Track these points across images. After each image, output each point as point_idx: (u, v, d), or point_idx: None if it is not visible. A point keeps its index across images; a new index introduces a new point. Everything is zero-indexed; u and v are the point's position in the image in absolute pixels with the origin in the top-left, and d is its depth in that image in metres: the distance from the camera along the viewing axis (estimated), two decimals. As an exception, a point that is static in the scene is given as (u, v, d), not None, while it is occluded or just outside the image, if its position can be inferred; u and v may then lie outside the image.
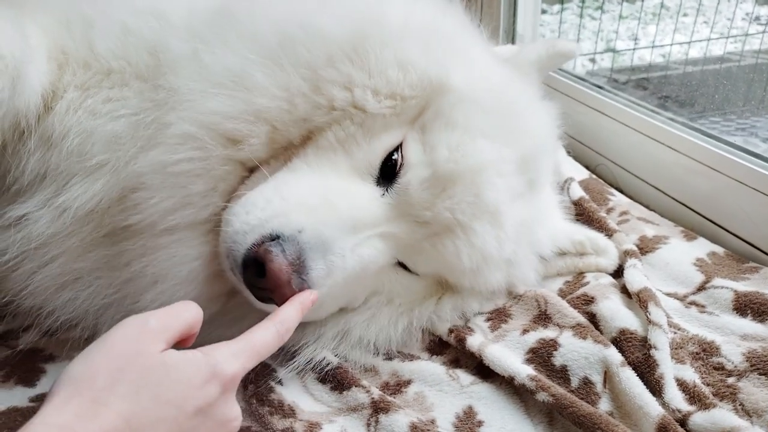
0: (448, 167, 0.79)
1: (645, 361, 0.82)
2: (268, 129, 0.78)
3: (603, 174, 1.47)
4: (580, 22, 2.49)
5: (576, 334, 0.87)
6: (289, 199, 0.76)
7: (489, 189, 0.80)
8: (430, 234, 0.82)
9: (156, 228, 0.78)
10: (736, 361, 0.83)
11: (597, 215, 1.16)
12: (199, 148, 0.76)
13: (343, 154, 0.80)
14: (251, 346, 0.65)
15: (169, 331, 0.61)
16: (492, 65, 0.92)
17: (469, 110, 0.81)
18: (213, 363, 0.60)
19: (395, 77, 0.79)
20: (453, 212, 0.80)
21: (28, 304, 0.87)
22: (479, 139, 0.81)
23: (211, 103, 0.76)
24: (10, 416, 0.81)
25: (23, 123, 0.81)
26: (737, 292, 0.94)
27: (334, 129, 0.79)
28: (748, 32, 2.31)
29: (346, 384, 0.84)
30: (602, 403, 0.80)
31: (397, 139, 0.81)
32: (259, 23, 0.81)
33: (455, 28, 0.90)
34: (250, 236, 0.73)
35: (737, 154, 1.14)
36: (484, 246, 0.82)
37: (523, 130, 0.88)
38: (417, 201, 0.80)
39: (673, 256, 1.07)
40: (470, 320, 0.95)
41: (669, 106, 1.81)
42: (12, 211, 0.83)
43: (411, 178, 0.80)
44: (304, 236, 0.73)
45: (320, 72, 0.78)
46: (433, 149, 0.80)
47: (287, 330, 0.69)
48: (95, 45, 0.84)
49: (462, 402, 0.83)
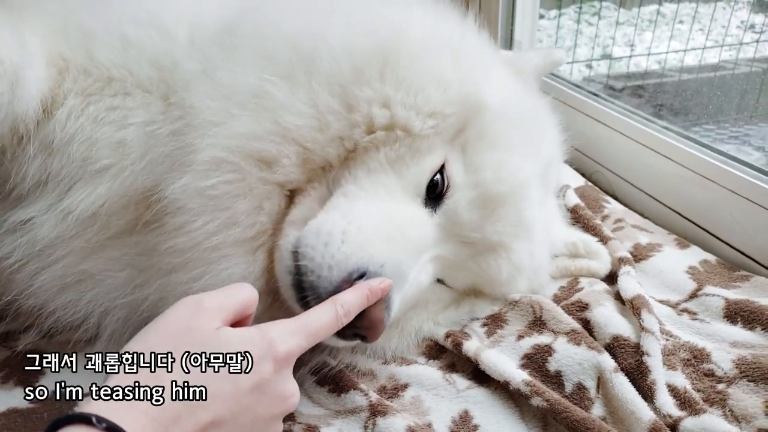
0: (497, 189, 0.80)
1: (637, 367, 0.84)
2: (297, 149, 0.76)
3: (599, 182, 1.49)
4: (577, 28, 2.51)
5: (570, 340, 0.89)
6: (364, 229, 0.74)
7: (528, 207, 0.83)
8: (474, 253, 0.84)
9: (201, 246, 0.77)
10: (726, 368, 0.85)
11: (592, 222, 1.18)
12: (234, 170, 0.75)
13: (395, 176, 0.80)
14: (307, 324, 0.65)
15: (224, 310, 0.61)
16: (511, 79, 0.94)
17: (505, 128, 0.83)
18: (269, 339, 0.60)
19: (434, 95, 0.79)
20: (500, 235, 0.82)
21: (30, 304, 0.87)
22: (517, 156, 0.83)
23: (236, 125, 0.75)
24: (10, 417, 0.82)
25: (22, 128, 0.80)
26: (728, 300, 0.96)
27: (383, 150, 0.79)
28: (743, 40, 2.33)
29: (344, 387, 0.85)
30: (595, 408, 0.81)
31: (440, 160, 0.81)
32: (270, 40, 0.80)
33: (477, 43, 0.91)
34: (336, 272, 0.71)
35: (730, 164, 1.16)
36: (520, 261, 0.87)
37: (543, 141, 0.91)
38: (466, 222, 0.81)
39: (666, 263, 1.09)
40: (467, 325, 0.96)
41: (664, 115, 1.83)
42: (15, 216, 0.83)
43: (459, 199, 0.80)
44: (386, 270, 0.73)
45: (351, 89, 0.76)
46: (477, 170, 0.81)
47: (346, 313, 0.67)
48: (94, 54, 0.83)
49: (458, 406, 0.84)
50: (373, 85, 0.77)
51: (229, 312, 0.62)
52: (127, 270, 0.84)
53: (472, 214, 0.81)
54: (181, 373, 0.55)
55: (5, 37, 0.77)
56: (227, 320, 0.61)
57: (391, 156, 0.79)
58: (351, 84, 0.77)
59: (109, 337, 0.87)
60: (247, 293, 0.65)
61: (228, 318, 0.62)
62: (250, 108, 0.76)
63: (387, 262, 0.74)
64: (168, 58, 0.82)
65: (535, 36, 2.03)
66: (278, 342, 0.61)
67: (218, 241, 0.76)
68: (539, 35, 2.19)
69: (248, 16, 0.84)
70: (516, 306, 0.97)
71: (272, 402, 0.61)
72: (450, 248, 0.83)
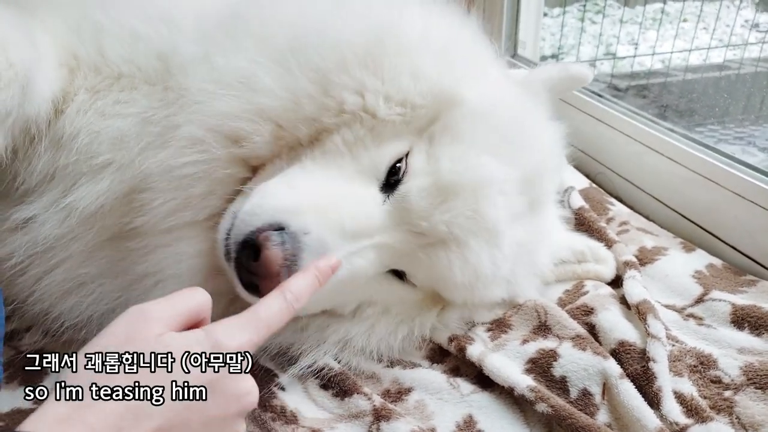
0: (450, 178, 0.79)
1: (643, 373, 0.83)
2: (272, 127, 0.79)
3: (603, 183, 1.48)
4: (581, 27, 2.50)
5: (575, 345, 0.88)
6: (303, 196, 0.76)
7: (489, 206, 0.80)
8: (424, 244, 0.82)
9: (157, 228, 0.79)
10: (733, 375, 0.84)
11: (597, 225, 1.18)
12: (204, 151, 0.77)
13: (350, 159, 0.80)
14: (256, 317, 0.62)
15: (171, 316, 0.59)
16: (503, 83, 0.93)
17: (476, 125, 0.82)
18: (213, 339, 0.58)
19: (406, 84, 0.80)
20: (449, 225, 0.79)
21: (36, 309, 0.87)
22: (484, 154, 0.81)
23: (217, 104, 0.77)
24: (14, 417, 0.82)
25: (33, 129, 0.81)
26: (735, 306, 0.95)
27: (342, 132, 0.80)
28: (748, 40, 2.32)
29: (348, 391, 0.84)
30: (600, 414, 0.81)
31: (405, 148, 0.81)
32: (271, 26, 0.82)
33: (471, 43, 0.90)
34: (257, 219, 0.73)
35: (735, 167, 1.16)
36: (478, 263, 0.82)
37: (528, 149, 0.87)
38: (415, 209, 0.79)
39: (672, 267, 1.08)
40: (471, 329, 0.96)
41: (668, 115, 1.82)
42: (18, 213, 0.83)
43: (411, 186, 0.80)
44: (308, 238, 0.73)
45: (331, 76, 0.78)
46: (436, 160, 0.80)
47: (297, 299, 0.65)
48: (105, 50, 0.85)
49: (462, 411, 0.84)
50: (352, 72, 0.78)
51: (177, 318, 0.59)
52: (120, 276, 0.84)
53: (422, 201, 0.79)
54: (125, 376, 0.53)
55: (17, 38, 0.78)
56: (175, 326, 0.59)
57: (348, 138, 0.80)
58: (331, 72, 0.78)
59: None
60: (198, 298, 0.62)
61: (175, 324, 0.59)
62: (235, 88, 0.77)
63: (312, 232, 0.73)
64: (172, 48, 0.84)
65: (540, 34, 2.02)
66: (226, 339, 0.58)
67: (172, 222, 0.78)
68: (543, 33, 2.18)
69: (254, 3, 0.86)
70: (520, 310, 0.97)
71: (227, 401, 0.58)
72: (398, 236, 0.81)
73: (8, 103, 0.75)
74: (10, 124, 0.78)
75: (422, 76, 0.80)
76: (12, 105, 0.75)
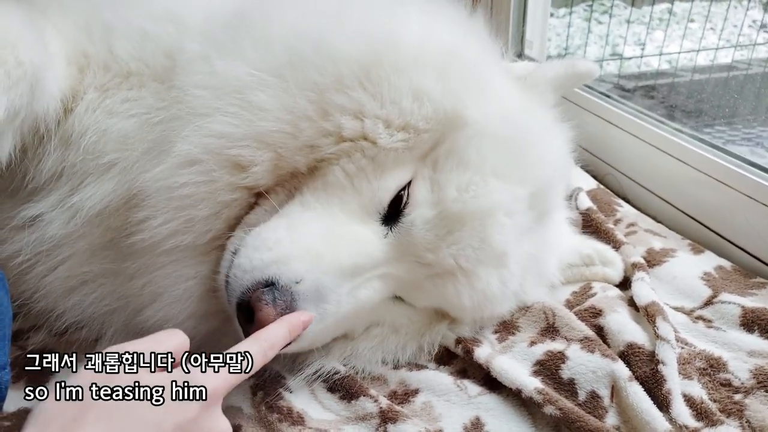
0: (456, 208, 0.76)
1: (652, 376, 0.82)
2: (272, 155, 0.76)
3: (610, 184, 1.48)
4: (587, 27, 2.49)
5: (584, 347, 0.88)
6: (298, 243, 0.74)
7: (496, 232, 0.78)
8: (431, 274, 0.81)
9: (157, 249, 0.78)
10: (743, 378, 0.83)
11: (605, 227, 1.17)
12: (204, 172, 0.75)
13: (352, 192, 0.77)
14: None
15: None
16: (510, 93, 0.88)
17: (483, 147, 0.78)
18: (189, 379, 0.59)
19: (409, 108, 0.76)
20: (456, 259, 0.78)
21: (40, 306, 0.88)
22: (491, 179, 0.78)
23: (216, 124, 0.75)
24: (21, 417, 0.82)
25: (42, 127, 0.82)
26: (744, 308, 0.95)
27: (342, 163, 0.77)
28: (756, 40, 2.30)
29: (355, 393, 0.84)
30: (609, 417, 0.80)
31: (408, 176, 0.78)
32: (272, 29, 0.80)
33: (476, 52, 0.85)
34: (248, 276, 0.73)
35: (744, 167, 1.15)
36: (486, 287, 0.82)
37: (536, 163, 0.84)
38: (420, 242, 0.77)
39: (680, 269, 1.07)
40: (478, 332, 0.95)
41: (676, 116, 1.81)
42: (26, 211, 0.84)
43: (415, 218, 0.77)
44: (301, 287, 0.72)
45: (328, 95, 0.75)
46: (441, 188, 0.77)
47: (271, 347, 0.67)
48: (115, 49, 0.85)
49: (469, 413, 0.83)
50: (350, 93, 0.75)
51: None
52: (121, 276, 0.84)
53: (427, 234, 0.77)
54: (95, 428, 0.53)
55: (27, 38, 0.78)
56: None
57: (350, 169, 0.77)
58: (329, 90, 0.75)
59: (110, 338, 0.88)
60: (175, 340, 0.63)
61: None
62: (232, 104, 0.75)
63: (306, 279, 0.73)
64: (179, 46, 0.84)
65: (546, 35, 2.02)
66: (201, 380, 0.59)
67: (173, 244, 0.77)
68: (549, 34, 2.17)
69: (259, 5, 0.85)
70: (528, 312, 0.96)
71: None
72: (404, 268, 0.80)
73: (17, 101, 0.75)
74: (20, 123, 0.78)
75: (424, 97, 0.76)
76: (21, 103, 0.75)
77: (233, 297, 0.74)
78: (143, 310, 0.82)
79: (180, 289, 0.80)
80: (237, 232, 0.78)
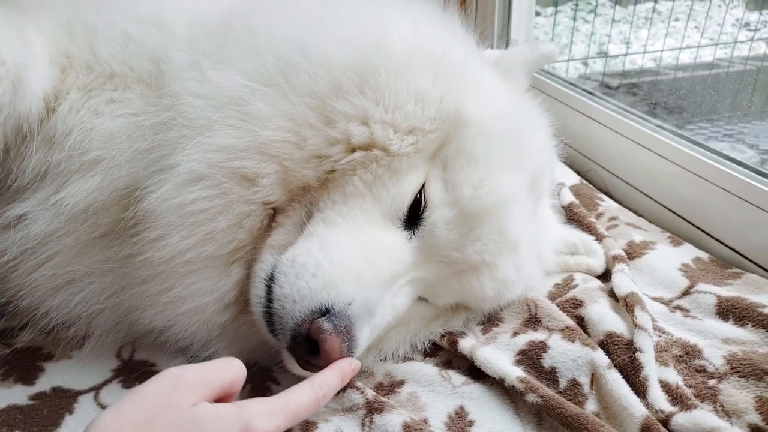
0: (475, 205, 0.78)
1: (630, 363, 0.85)
2: (277, 168, 0.76)
3: (593, 179, 1.50)
4: (573, 26, 2.52)
5: (564, 336, 0.90)
6: (337, 263, 0.74)
7: (511, 223, 0.81)
8: (456, 271, 0.83)
9: (175, 261, 0.77)
10: (717, 364, 0.86)
11: (587, 220, 1.19)
12: (213, 186, 0.75)
13: (372, 200, 0.79)
14: (287, 405, 0.64)
15: (206, 386, 0.59)
16: (497, 88, 0.91)
17: (487, 143, 0.81)
18: (246, 418, 0.58)
19: (413, 111, 0.78)
20: (482, 254, 0.81)
21: (25, 304, 0.88)
22: (499, 172, 0.80)
23: (216, 138, 0.75)
24: (10, 414, 0.82)
25: (25, 127, 0.82)
26: (720, 297, 0.97)
27: (360, 173, 0.78)
28: (738, 38, 2.34)
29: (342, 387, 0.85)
30: (589, 404, 0.83)
31: (421, 178, 0.80)
32: (261, 40, 0.80)
33: (463, 50, 0.88)
34: (299, 307, 0.72)
35: (723, 163, 1.17)
36: (505, 277, 0.86)
37: (531, 152, 0.89)
38: (445, 242, 0.79)
39: (659, 261, 1.10)
40: (465, 324, 0.97)
41: (658, 113, 1.84)
42: (11, 210, 0.84)
43: (437, 220, 0.79)
44: (353, 308, 0.73)
45: (329, 103, 0.76)
46: (456, 188, 0.79)
47: (325, 395, 0.68)
48: (97, 50, 0.85)
49: (454, 402, 0.85)
50: (351, 99, 0.76)
51: (212, 389, 0.60)
52: (110, 275, 0.84)
53: (451, 234, 0.79)
54: None
55: (9, 37, 0.78)
56: (209, 396, 0.59)
57: (367, 179, 0.78)
58: (329, 97, 0.76)
59: (98, 337, 0.89)
60: (235, 371, 0.63)
61: (210, 395, 0.60)
62: (231, 116, 0.75)
63: (355, 299, 0.74)
64: (164, 52, 0.84)
65: (532, 33, 2.04)
66: (256, 422, 0.59)
67: (192, 256, 0.76)
68: (535, 32, 2.19)
69: (242, 13, 0.85)
70: (511, 304, 0.98)
71: None
72: (430, 269, 0.82)
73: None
74: (2, 122, 0.78)
75: (426, 100, 0.78)
76: (3, 102, 0.76)
77: (286, 330, 0.73)
78: (145, 311, 0.82)
79: (196, 303, 0.80)
80: (263, 255, 0.78)
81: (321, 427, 0.80)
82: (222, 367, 0.62)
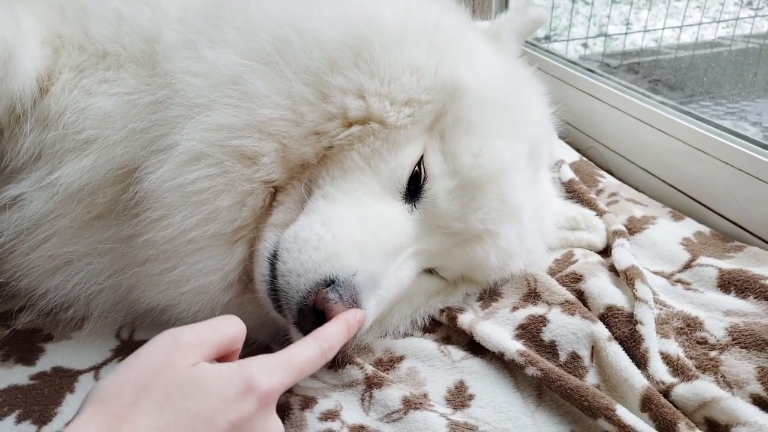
0: (474, 174, 0.78)
1: (631, 335, 0.84)
2: (277, 146, 0.76)
3: (593, 157, 1.49)
4: (572, 7, 2.48)
5: (564, 310, 0.89)
6: (339, 236, 0.74)
7: (512, 190, 0.81)
8: (459, 242, 0.83)
9: (178, 240, 0.77)
10: (718, 336, 0.85)
11: (587, 196, 1.18)
12: (214, 164, 0.75)
13: (371, 174, 0.79)
14: (290, 360, 0.62)
15: (204, 344, 0.58)
16: (492, 57, 0.91)
17: (484, 112, 0.81)
18: (248, 375, 0.57)
19: (409, 83, 0.78)
20: (484, 222, 0.81)
21: (23, 285, 0.88)
22: (498, 140, 0.81)
23: (215, 117, 0.74)
24: (11, 393, 0.83)
25: (19, 107, 0.81)
26: (721, 270, 0.97)
27: (357, 147, 0.78)
28: (740, 16, 2.31)
29: (341, 362, 0.85)
30: (589, 376, 0.82)
31: (419, 150, 0.80)
32: (254, 19, 0.80)
33: (455, 20, 0.88)
34: (303, 280, 0.72)
35: (725, 136, 1.16)
36: (509, 245, 0.85)
37: (529, 119, 0.89)
38: (447, 213, 0.80)
39: (660, 235, 1.09)
40: (463, 300, 0.97)
41: (660, 90, 1.82)
42: (6, 192, 0.84)
43: (438, 191, 0.79)
44: (358, 278, 0.73)
45: (325, 78, 0.76)
46: (455, 157, 0.79)
47: (330, 347, 0.66)
48: (90, 30, 0.84)
49: (453, 377, 0.85)
50: (346, 73, 0.76)
51: (211, 347, 0.59)
52: (108, 256, 0.84)
53: (452, 204, 0.79)
54: (149, 417, 0.52)
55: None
56: (208, 355, 0.58)
57: (365, 153, 0.78)
58: (324, 73, 0.76)
59: (97, 318, 0.89)
60: (234, 327, 0.62)
61: (209, 353, 0.58)
62: (229, 95, 0.75)
63: (360, 270, 0.74)
64: (156, 32, 0.83)
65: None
66: (259, 378, 0.57)
67: (195, 235, 0.76)
68: (534, 14, 2.16)
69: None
70: (511, 279, 0.98)
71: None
72: (433, 241, 0.82)
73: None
74: None
75: (421, 71, 0.78)
76: None
77: (292, 304, 0.73)
78: (147, 293, 0.82)
79: (200, 282, 0.79)
80: (266, 234, 0.78)
81: (321, 402, 0.80)
82: (220, 325, 0.61)
